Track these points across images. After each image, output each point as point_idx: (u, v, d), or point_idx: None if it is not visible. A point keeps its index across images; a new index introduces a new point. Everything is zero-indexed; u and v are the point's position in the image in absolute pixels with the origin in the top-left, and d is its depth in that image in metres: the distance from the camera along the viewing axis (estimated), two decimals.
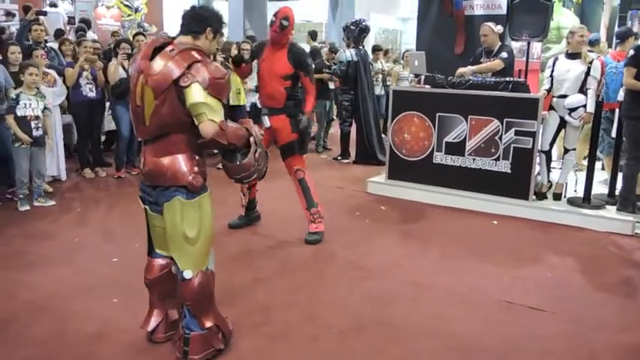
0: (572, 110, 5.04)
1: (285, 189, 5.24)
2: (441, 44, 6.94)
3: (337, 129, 8.49)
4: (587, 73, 5.00)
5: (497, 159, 5.32)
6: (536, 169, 5.28)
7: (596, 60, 5.18)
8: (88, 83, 6.16)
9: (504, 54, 5.51)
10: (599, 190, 5.50)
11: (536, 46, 7.30)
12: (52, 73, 6.05)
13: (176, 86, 2.40)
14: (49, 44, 6.94)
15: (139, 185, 2.71)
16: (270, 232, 4.67)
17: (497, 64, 5.50)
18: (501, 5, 6.58)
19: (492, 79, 5.40)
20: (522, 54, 6.56)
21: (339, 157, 7.82)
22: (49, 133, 5.39)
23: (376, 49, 9.38)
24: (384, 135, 7.71)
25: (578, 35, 5.07)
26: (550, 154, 5.39)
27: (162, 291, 2.81)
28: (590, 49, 6.30)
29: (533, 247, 4.47)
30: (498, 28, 5.66)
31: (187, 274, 2.59)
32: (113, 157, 6.72)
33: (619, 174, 5.19)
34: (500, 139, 5.28)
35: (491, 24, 5.67)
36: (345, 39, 7.80)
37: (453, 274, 3.87)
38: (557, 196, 5.33)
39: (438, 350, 2.89)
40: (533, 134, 5.11)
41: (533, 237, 4.72)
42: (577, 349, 2.95)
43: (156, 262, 2.79)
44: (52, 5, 10.96)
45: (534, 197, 5.26)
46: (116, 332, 2.97)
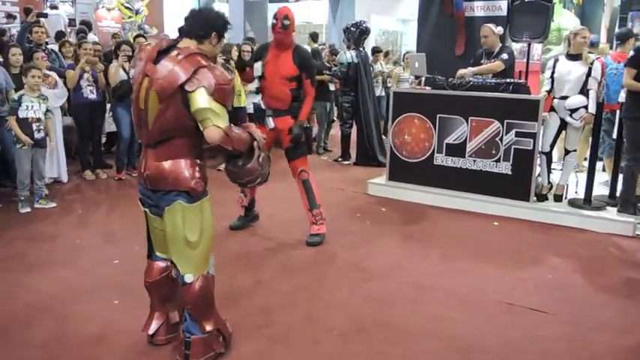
0: (573, 111, 5.04)
1: (285, 191, 5.24)
2: (441, 46, 6.94)
3: (338, 130, 8.51)
4: (588, 75, 5.00)
5: (498, 160, 5.32)
6: (537, 170, 5.28)
7: (597, 61, 5.18)
8: (88, 85, 6.17)
9: (505, 55, 5.51)
10: (600, 191, 5.50)
11: (537, 48, 7.30)
12: (53, 75, 6.05)
13: (182, 91, 2.39)
14: (50, 46, 6.94)
15: (138, 188, 2.70)
16: (271, 234, 4.67)
17: (497, 65, 5.50)
18: (502, 7, 6.58)
19: (493, 81, 5.40)
20: (523, 55, 6.56)
21: (340, 159, 7.82)
22: (50, 135, 5.40)
23: (376, 51, 9.39)
24: (384, 136, 7.71)
25: (581, 36, 5.06)
26: (551, 156, 5.38)
27: (162, 294, 2.81)
28: (590, 50, 6.30)
29: (533, 249, 4.47)
30: (499, 30, 5.67)
31: (188, 278, 2.58)
32: (114, 158, 6.73)
33: (620, 175, 5.19)
34: (500, 140, 5.28)
35: (491, 25, 5.68)
36: (345, 41, 7.82)
37: (454, 276, 3.87)
38: (558, 198, 5.33)
39: (439, 352, 2.89)
40: (533, 135, 5.11)
41: (534, 238, 4.72)
42: (578, 350, 2.95)
43: (156, 265, 2.78)
44: (53, 7, 10.97)
45: (535, 198, 5.26)
46: (117, 334, 2.97)
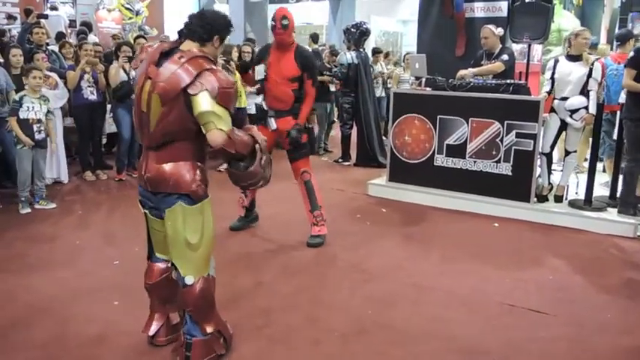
0: (573, 112, 5.04)
1: (286, 192, 5.24)
2: (441, 47, 6.94)
3: (338, 131, 8.51)
4: (589, 76, 4.99)
5: (498, 161, 5.32)
6: (537, 171, 5.28)
7: (597, 62, 5.18)
8: (89, 86, 6.18)
9: (505, 56, 5.52)
10: (601, 192, 5.50)
11: (537, 49, 7.29)
12: (54, 75, 6.06)
13: (184, 94, 2.37)
14: (50, 47, 6.95)
15: (138, 190, 2.69)
16: (271, 235, 4.66)
17: (498, 66, 5.51)
18: (502, 8, 6.58)
19: (493, 82, 5.40)
20: (523, 56, 6.56)
21: (340, 160, 7.82)
22: (51, 136, 5.40)
23: (376, 52, 9.40)
24: (384, 137, 7.71)
25: (582, 37, 5.06)
26: (551, 157, 5.38)
27: (162, 295, 2.81)
28: (590, 51, 6.31)
29: (534, 250, 4.47)
30: (499, 31, 5.67)
31: (189, 280, 2.57)
32: (114, 159, 6.73)
33: (620, 176, 5.18)
34: (501, 141, 5.27)
35: (491, 26, 5.68)
36: (345, 41, 7.82)
37: (454, 277, 3.86)
38: (559, 199, 5.32)
39: (439, 353, 2.89)
40: (534, 136, 5.11)
41: (535, 239, 4.72)
42: (578, 351, 2.95)
43: (156, 267, 2.78)
44: (53, 8, 10.99)
45: (535, 199, 5.26)
46: (117, 335, 2.97)
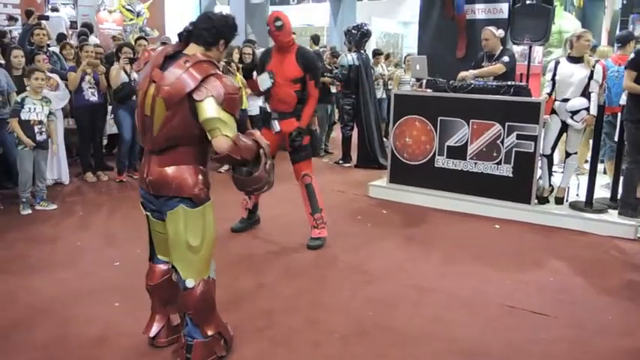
0: (574, 113, 5.04)
1: (288, 193, 5.24)
2: (442, 48, 6.94)
3: (339, 133, 8.51)
4: (590, 77, 4.99)
5: (499, 163, 5.32)
6: (538, 173, 5.28)
7: (598, 64, 5.18)
8: (90, 87, 6.18)
9: (506, 58, 5.52)
10: (601, 194, 5.49)
11: (538, 50, 7.31)
12: (55, 77, 6.06)
13: (189, 99, 2.36)
14: (51, 48, 6.96)
15: (139, 192, 2.69)
16: (273, 237, 4.66)
17: (498, 67, 5.51)
18: (503, 9, 6.59)
19: (494, 83, 5.40)
20: (524, 58, 6.57)
21: (341, 161, 7.82)
22: (53, 137, 5.40)
23: (376, 54, 9.40)
24: (385, 139, 7.71)
25: (584, 39, 5.05)
26: (552, 158, 5.38)
27: (163, 296, 2.81)
28: (590, 53, 6.31)
29: (535, 251, 4.46)
30: (500, 32, 5.68)
31: (189, 282, 2.57)
32: (115, 161, 6.73)
33: (621, 178, 5.18)
34: (502, 143, 5.27)
35: (492, 28, 5.69)
36: (346, 43, 7.82)
37: (455, 278, 3.86)
38: (559, 200, 5.32)
39: (440, 354, 2.89)
40: (534, 138, 5.11)
41: (536, 241, 4.72)
42: (579, 353, 2.95)
43: (157, 268, 2.78)
44: (54, 10, 11.01)
45: (536, 201, 5.25)
46: (118, 336, 2.97)
